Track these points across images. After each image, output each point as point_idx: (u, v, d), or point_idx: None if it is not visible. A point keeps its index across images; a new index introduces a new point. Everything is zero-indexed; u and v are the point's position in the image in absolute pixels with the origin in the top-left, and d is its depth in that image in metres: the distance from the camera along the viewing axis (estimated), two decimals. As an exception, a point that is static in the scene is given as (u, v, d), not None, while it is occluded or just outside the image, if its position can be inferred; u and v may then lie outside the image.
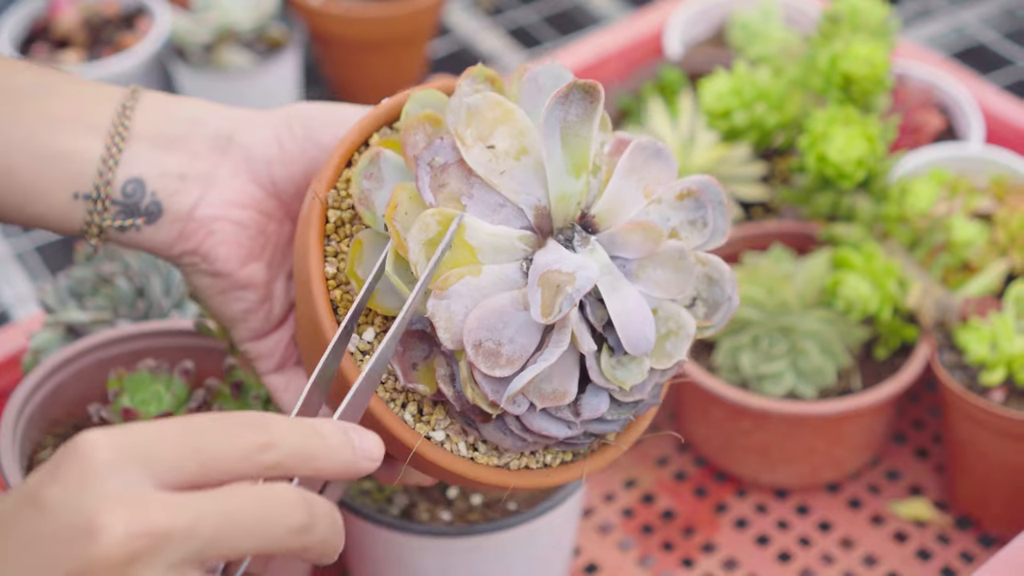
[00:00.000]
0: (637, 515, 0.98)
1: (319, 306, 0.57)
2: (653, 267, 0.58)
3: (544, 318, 0.54)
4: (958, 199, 1.02)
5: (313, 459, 0.47)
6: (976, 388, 0.91)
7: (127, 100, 0.62)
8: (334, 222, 0.59)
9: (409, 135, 0.57)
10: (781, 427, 0.94)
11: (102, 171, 0.60)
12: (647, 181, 0.58)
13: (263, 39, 1.37)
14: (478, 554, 0.81)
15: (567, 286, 0.54)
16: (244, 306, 0.64)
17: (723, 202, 0.60)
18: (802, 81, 1.02)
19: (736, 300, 0.61)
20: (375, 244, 0.57)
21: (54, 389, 0.77)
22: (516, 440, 0.58)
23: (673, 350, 0.59)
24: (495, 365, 0.54)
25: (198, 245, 0.62)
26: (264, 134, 0.63)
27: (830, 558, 0.95)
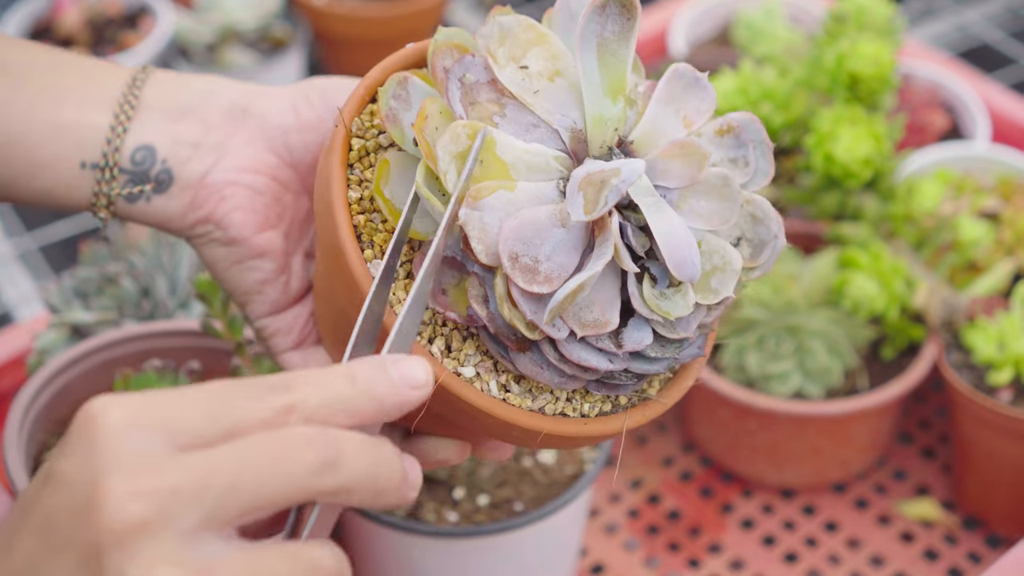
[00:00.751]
0: (643, 515, 0.98)
1: (342, 232, 0.54)
2: (696, 197, 0.55)
3: (587, 215, 0.51)
4: (964, 198, 1.02)
5: (347, 405, 0.43)
6: (983, 388, 0.91)
7: (137, 75, 0.61)
8: (358, 150, 0.57)
9: (437, 58, 0.54)
10: (787, 427, 0.93)
11: (110, 139, 0.59)
12: (686, 110, 0.55)
13: (266, 39, 1.37)
14: (484, 555, 0.81)
15: (612, 178, 0.51)
16: (260, 276, 0.62)
17: (764, 141, 0.57)
18: (808, 80, 1.02)
19: (783, 240, 0.57)
20: (403, 165, 0.55)
21: (60, 390, 0.76)
22: (553, 373, 0.54)
23: (719, 286, 0.55)
24: (533, 280, 0.51)
25: (211, 212, 0.61)
26: (280, 104, 0.62)
27: (837, 558, 0.94)
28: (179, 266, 0.87)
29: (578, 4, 0.56)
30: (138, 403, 0.41)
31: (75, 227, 1.29)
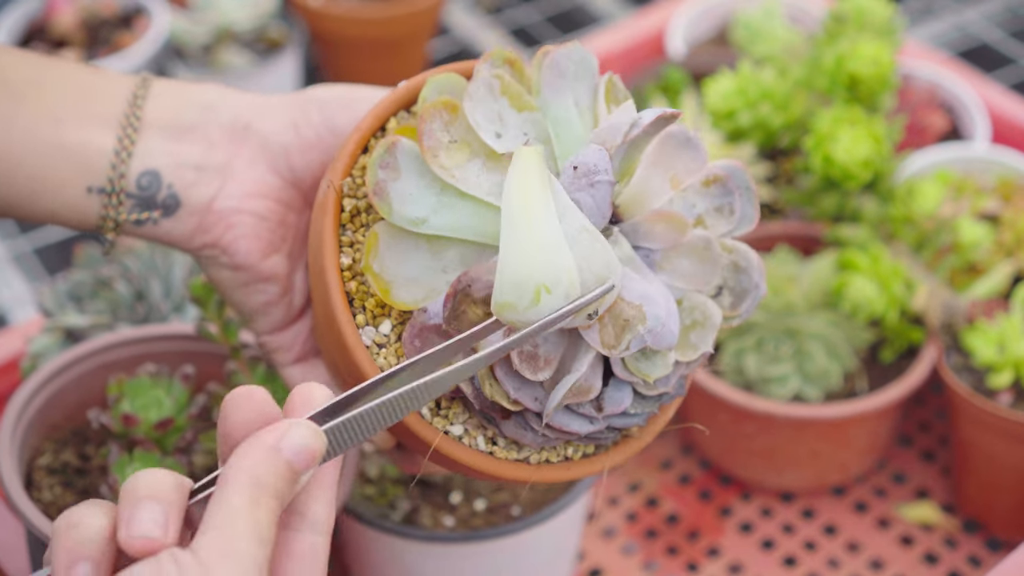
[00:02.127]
0: (641, 519, 0.97)
1: (334, 299, 0.56)
2: (678, 257, 0.56)
3: (607, 350, 0.53)
4: (964, 200, 1.01)
5: None
6: (983, 390, 0.90)
7: (138, 89, 0.61)
8: (349, 211, 0.57)
9: (425, 123, 0.55)
10: (786, 430, 0.93)
11: (115, 164, 0.59)
12: (675, 170, 0.56)
13: (262, 39, 1.36)
14: (481, 560, 0.80)
15: (638, 324, 0.52)
16: (265, 299, 0.63)
17: (750, 188, 0.58)
18: (807, 81, 1.01)
19: (763, 288, 0.58)
20: (392, 236, 0.56)
21: (53, 394, 0.76)
22: (536, 436, 0.56)
23: (698, 341, 0.57)
24: (536, 369, 0.53)
25: (218, 238, 0.61)
26: (281, 121, 0.62)
27: (836, 562, 0.94)
28: (173, 269, 0.86)
29: (567, 62, 0.57)
30: None
31: (70, 230, 1.28)
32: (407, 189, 0.55)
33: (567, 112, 0.57)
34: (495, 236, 0.54)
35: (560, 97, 0.57)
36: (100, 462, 0.74)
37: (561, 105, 0.57)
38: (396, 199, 0.55)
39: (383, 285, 0.55)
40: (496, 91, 0.56)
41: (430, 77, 0.58)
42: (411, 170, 0.55)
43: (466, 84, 0.57)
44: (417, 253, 0.55)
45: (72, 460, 0.74)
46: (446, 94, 0.57)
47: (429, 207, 0.55)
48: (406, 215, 0.55)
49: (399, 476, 0.83)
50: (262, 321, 0.64)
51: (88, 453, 0.75)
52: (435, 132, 0.55)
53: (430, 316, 0.55)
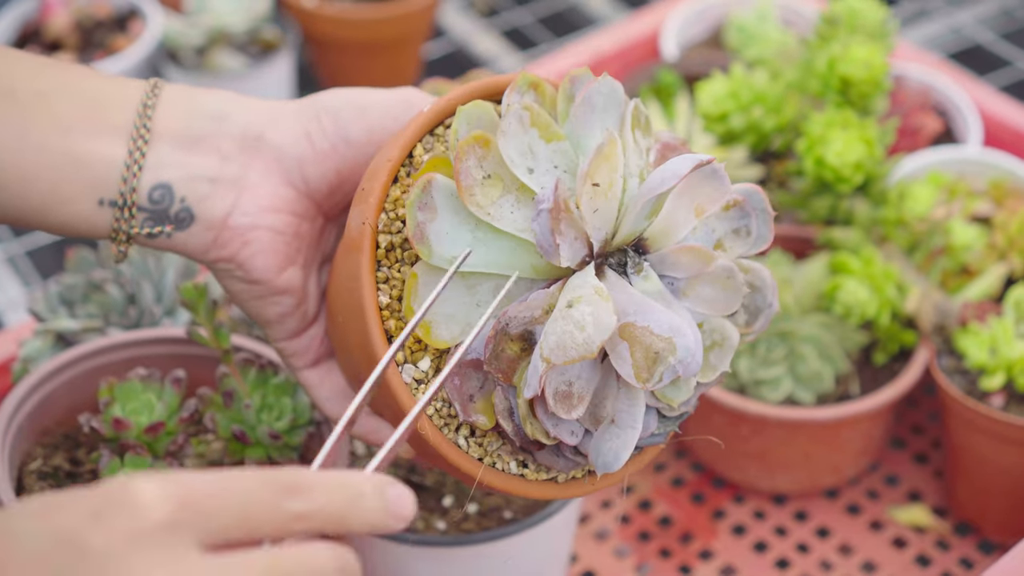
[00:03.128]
0: (634, 521, 0.97)
1: (375, 340, 0.57)
2: (702, 285, 0.59)
3: (640, 383, 0.54)
4: (957, 202, 1.01)
5: (346, 522, 0.45)
6: (975, 393, 0.90)
7: (147, 98, 0.60)
8: (384, 247, 0.58)
9: (461, 162, 0.56)
10: (779, 433, 0.93)
11: (126, 177, 0.59)
12: (699, 200, 0.58)
13: (256, 41, 1.36)
14: (474, 563, 0.80)
15: (669, 356, 0.54)
16: (281, 310, 0.63)
17: (766, 210, 0.60)
18: (800, 84, 1.01)
19: (776, 306, 0.62)
20: (429, 275, 0.57)
21: (44, 399, 0.76)
22: (568, 463, 0.59)
23: (717, 362, 0.60)
24: (570, 408, 0.55)
25: (234, 254, 0.61)
26: (294, 131, 0.61)
27: (829, 565, 0.94)
28: (165, 273, 0.86)
29: (598, 97, 0.58)
30: (179, 498, 0.42)
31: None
32: (444, 229, 0.56)
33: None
34: (527, 269, 0.57)
35: (590, 130, 0.59)
36: (91, 466, 0.74)
37: (591, 136, 0.59)
38: (435, 240, 0.56)
39: (423, 325, 0.57)
40: (527, 123, 0.57)
41: (460, 108, 0.58)
42: (447, 208, 0.57)
43: (493, 111, 0.59)
44: (454, 289, 0.57)
45: (63, 465, 0.74)
46: (476, 126, 0.58)
47: (465, 244, 0.57)
48: (444, 255, 0.56)
49: (391, 479, 0.83)
50: (277, 329, 0.64)
51: (79, 458, 0.75)
52: (471, 170, 0.56)
53: (469, 352, 0.57)
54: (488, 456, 0.59)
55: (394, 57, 1.41)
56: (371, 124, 0.61)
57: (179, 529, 0.41)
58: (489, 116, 0.59)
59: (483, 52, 1.52)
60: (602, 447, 0.57)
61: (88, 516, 0.41)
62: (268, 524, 0.43)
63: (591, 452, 0.58)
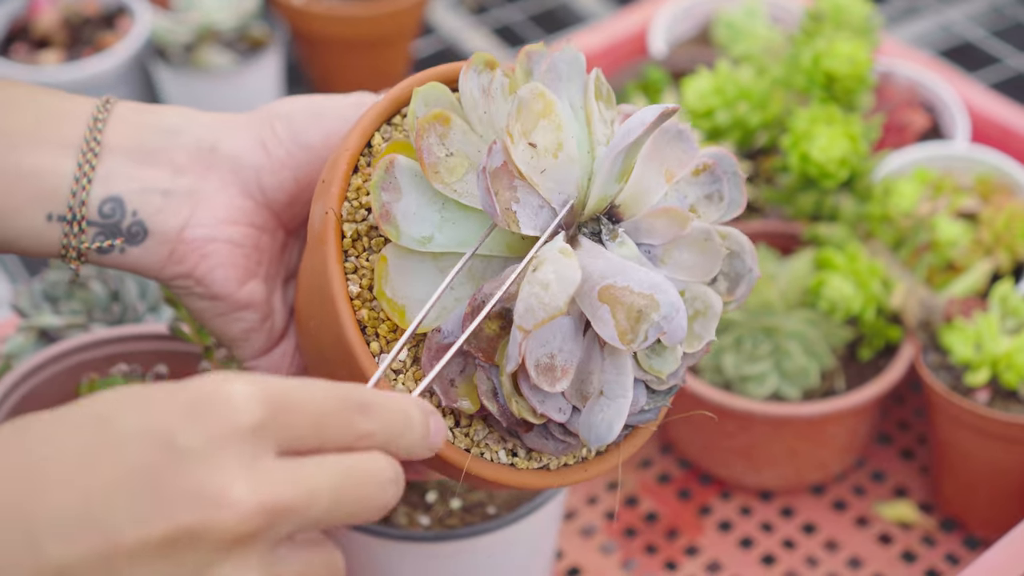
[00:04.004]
0: (620, 518, 0.97)
1: (348, 332, 0.55)
2: (679, 251, 0.57)
3: (625, 345, 0.53)
4: (942, 198, 1.01)
5: (397, 443, 0.47)
6: (961, 389, 0.90)
7: (98, 112, 0.59)
8: (350, 236, 0.57)
9: (422, 139, 0.54)
10: (765, 429, 0.93)
11: (75, 190, 0.57)
12: (669, 164, 0.57)
13: (245, 39, 1.36)
14: (457, 559, 0.80)
15: (652, 312, 0.52)
16: (245, 326, 0.62)
17: (736, 173, 0.59)
18: (785, 80, 1.01)
19: (757, 272, 0.60)
20: (399, 258, 0.55)
21: (26, 395, 0.76)
22: (558, 444, 0.57)
23: (702, 331, 0.58)
24: (554, 380, 0.53)
25: (191, 269, 0.60)
26: (248, 140, 0.60)
27: (814, 560, 0.94)
28: (149, 269, 0.86)
29: (564, 65, 0.57)
30: (270, 404, 0.43)
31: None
32: (410, 208, 0.55)
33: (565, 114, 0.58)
34: (500, 247, 0.55)
35: (557, 99, 0.57)
36: (73, 462, 0.74)
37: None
38: (402, 220, 0.55)
39: (398, 310, 0.55)
40: (488, 94, 0.56)
41: (416, 89, 0.57)
42: (412, 188, 0.55)
43: (449, 92, 0.58)
44: (425, 272, 0.56)
45: (45, 460, 0.74)
46: (433, 106, 0.57)
47: (433, 224, 0.55)
48: (412, 235, 0.55)
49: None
50: (245, 348, 0.63)
51: (61, 453, 0.75)
52: (432, 147, 0.55)
53: (444, 335, 0.55)
54: (476, 446, 0.58)
55: (383, 54, 1.41)
56: (326, 129, 0.60)
57: (263, 434, 0.43)
58: (446, 97, 0.58)
59: (473, 49, 1.52)
60: (593, 420, 0.56)
61: (183, 414, 0.42)
62: (338, 438, 0.45)
63: (582, 429, 0.56)
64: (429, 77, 0.59)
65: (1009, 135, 1.13)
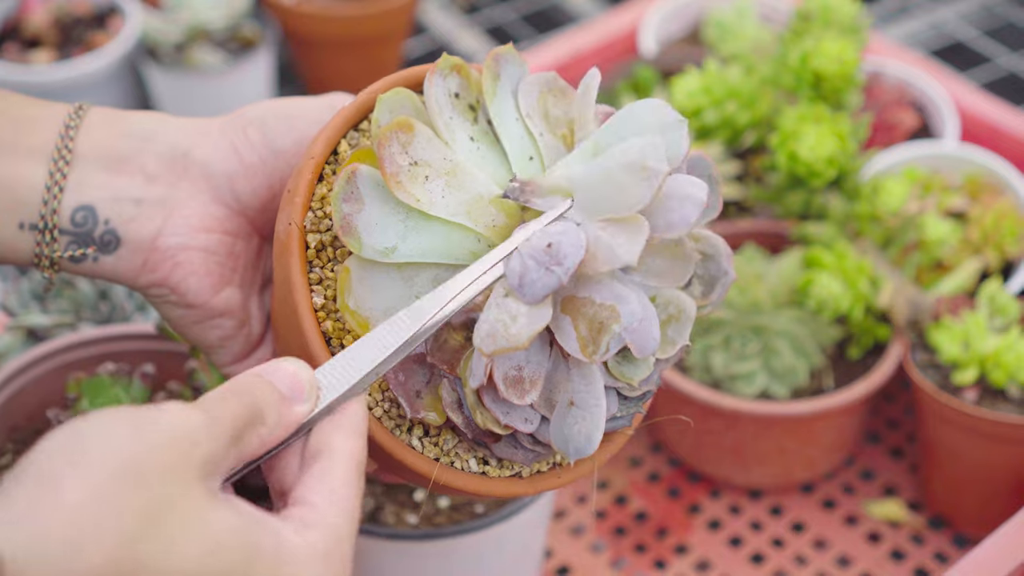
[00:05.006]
0: (610, 516, 0.97)
1: (312, 343, 0.55)
2: (650, 257, 0.56)
3: (587, 357, 0.52)
4: (931, 197, 1.01)
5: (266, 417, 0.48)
6: (949, 387, 0.90)
7: (70, 120, 0.58)
8: (315, 246, 0.56)
9: (384, 148, 0.54)
10: (753, 427, 0.93)
11: (47, 199, 0.57)
12: None
13: (236, 38, 1.36)
14: (445, 558, 0.80)
15: (613, 324, 0.52)
16: (221, 333, 0.62)
17: (714, 176, 0.58)
18: (773, 79, 1.02)
19: (732, 274, 0.59)
20: (362, 269, 0.55)
21: (14, 395, 0.75)
22: (528, 453, 0.57)
23: (675, 336, 0.57)
24: (523, 392, 0.53)
25: (165, 277, 0.59)
26: (221, 146, 0.60)
27: (803, 559, 0.94)
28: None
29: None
30: None
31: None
32: (373, 219, 0.54)
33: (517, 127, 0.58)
34: (464, 256, 0.55)
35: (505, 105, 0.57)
36: (60, 461, 0.74)
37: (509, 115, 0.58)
38: (364, 231, 0.54)
39: (361, 321, 0.55)
40: (452, 103, 0.56)
41: (380, 96, 0.56)
42: (374, 198, 0.54)
43: (415, 98, 0.57)
44: (389, 282, 0.55)
45: (32, 460, 0.74)
46: (398, 112, 0.56)
47: (397, 234, 0.54)
48: (375, 246, 0.54)
49: (363, 474, 0.83)
50: (222, 354, 0.63)
51: (48, 452, 0.75)
52: (395, 156, 0.54)
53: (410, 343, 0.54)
54: (445, 455, 0.57)
55: (374, 54, 1.41)
56: (299, 133, 0.60)
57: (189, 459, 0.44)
58: (412, 103, 0.57)
59: (464, 49, 1.52)
60: (569, 432, 0.55)
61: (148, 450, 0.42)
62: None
63: (557, 440, 0.55)
64: (395, 82, 0.58)
65: (998, 134, 1.13)
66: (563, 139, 0.57)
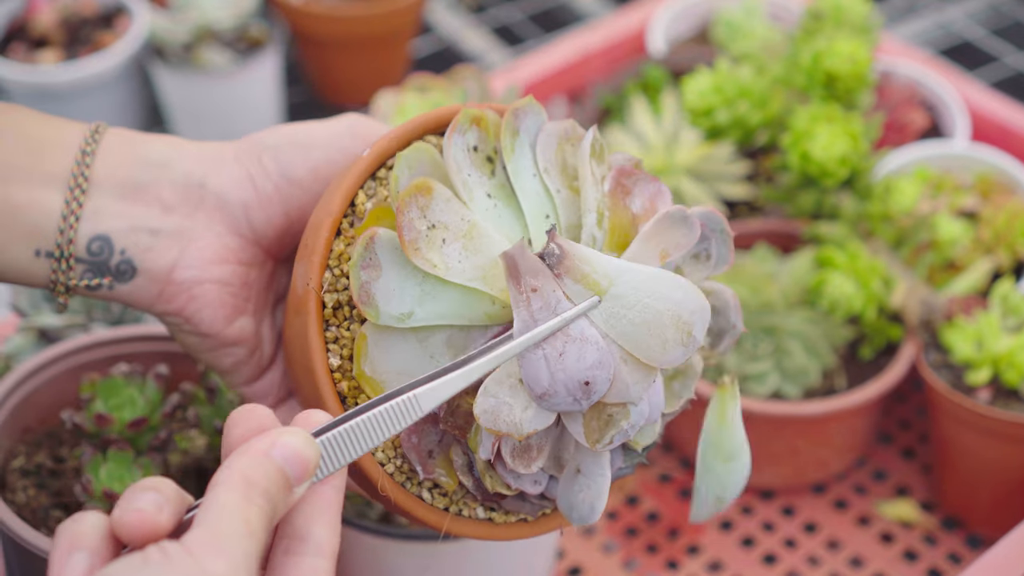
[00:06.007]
0: (621, 517, 0.97)
1: (328, 402, 0.56)
2: None
3: (591, 446, 0.53)
4: (943, 197, 1.01)
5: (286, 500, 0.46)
6: (962, 388, 0.90)
7: (87, 144, 0.58)
8: (331, 306, 0.56)
9: (403, 215, 0.54)
10: (766, 428, 0.93)
11: (63, 228, 0.57)
12: (666, 244, 0.56)
13: (243, 38, 1.36)
14: (459, 558, 0.80)
15: (622, 420, 0.53)
16: (235, 360, 0.62)
17: (725, 231, 0.59)
18: (785, 78, 1.01)
19: (740, 327, 0.60)
20: (378, 334, 0.55)
21: (26, 396, 0.75)
22: (534, 507, 0.58)
23: (681, 390, 0.59)
24: (529, 461, 0.54)
25: (180, 308, 0.59)
26: (236, 176, 0.59)
27: (816, 560, 0.94)
28: (149, 269, 0.86)
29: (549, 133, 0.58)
30: None
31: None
32: (390, 285, 0.55)
33: (534, 183, 0.58)
34: (478, 318, 0.55)
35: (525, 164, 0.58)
36: (74, 464, 0.74)
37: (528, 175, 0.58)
38: (381, 300, 0.54)
39: (376, 386, 0.55)
40: (471, 158, 0.57)
41: (400, 154, 0.56)
42: (391, 263, 0.55)
43: (434, 152, 0.57)
44: (404, 345, 0.55)
45: (46, 462, 0.74)
46: (417, 171, 0.56)
47: (413, 299, 0.55)
48: (392, 312, 0.54)
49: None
50: (234, 377, 0.63)
51: (62, 455, 0.75)
52: (413, 223, 0.54)
53: None
54: (454, 504, 0.59)
55: (382, 54, 1.41)
56: (313, 161, 0.60)
57: None
58: (430, 157, 0.57)
59: (471, 49, 1.52)
60: (574, 500, 0.56)
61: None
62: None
63: (563, 506, 0.57)
64: (417, 128, 0.59)
65: (1009, 134, 1.13)
66: (577, 192, 0.58)
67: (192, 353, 0.63)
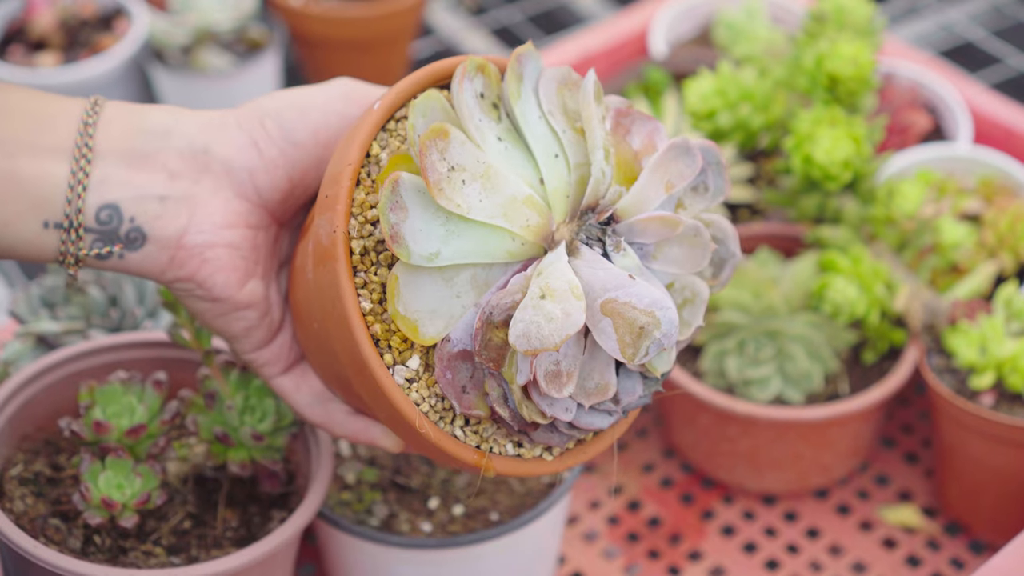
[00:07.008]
0: (622, 523, 0.96)
1: (364, 348, 0.57)
2: (670, 246, 0.60)
3: (628, 360, 0.56)
4: (946, 200, 1.00)
5: None
6: (965, 392, 0.90)
7: (87, 116, 0.58)
8: (358, 252, 0.58)
9: (425, 157, 0.56)
10: (768, 433, 0.92)
11: (70, 198, 0.57)
12: (671, 175, 0.60)
13: (243, 40, 1.35)
14: (460, 566, 0.80)
15: (654, 330, 0.55)
16: (246, 324, 0.63)
17: (720, 162, 0.62)
18: (787, 81, 1.01)
19: (739, 255, 0.63)
20: (408, 274, 0.57)
21: (24, 404, 0.75)
22: (563, 437, 0.60)
23: (690, 318, 0.62)
24: (561, 386, 0.56)
25: (192, 273, 0.60)
26: (240, 141, 0.60)
27: (818, 565, 0.93)
28: (148, 274, 0.86)
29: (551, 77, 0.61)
30: None
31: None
32: (417, 226, 0.56)
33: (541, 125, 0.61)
34: (500, 255, 0.58)
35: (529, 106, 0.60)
36: (72, 472, 0.73)
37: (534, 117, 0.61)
38: (410, 240, 0.56)
39: (410, 326, 0.57)
40: (480, 104, 0.59)
41: (413, 102, 0.58)
42: (416, 205, 0.57)
43: (445, 100, 0.59)
44: (433, 285, 0.57)
45: (44, 470, 0.73)
46: (431, 118, 0.59)
47: (439, 239, 0.57)
48: (421, 252, 0.56)
49: (376, 481, 0.82)
50: (245, 343, 0.64)
51: (60, 463, 0.74)
52: (435, 164, 0.56)
53: (454, 344, 0.57)
54: (485, 442, 0.60)
55: (382, 56, 1.41)
56: (315, 124, 0.61)
57: None
58: (441, 105, 0.59)
59: (472, 50, 1.51)
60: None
61: None
62: None
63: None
64: (423, 80, 0.61)
65: (1012, 136, 1.13)
66: (580, 133, 0.60)
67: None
